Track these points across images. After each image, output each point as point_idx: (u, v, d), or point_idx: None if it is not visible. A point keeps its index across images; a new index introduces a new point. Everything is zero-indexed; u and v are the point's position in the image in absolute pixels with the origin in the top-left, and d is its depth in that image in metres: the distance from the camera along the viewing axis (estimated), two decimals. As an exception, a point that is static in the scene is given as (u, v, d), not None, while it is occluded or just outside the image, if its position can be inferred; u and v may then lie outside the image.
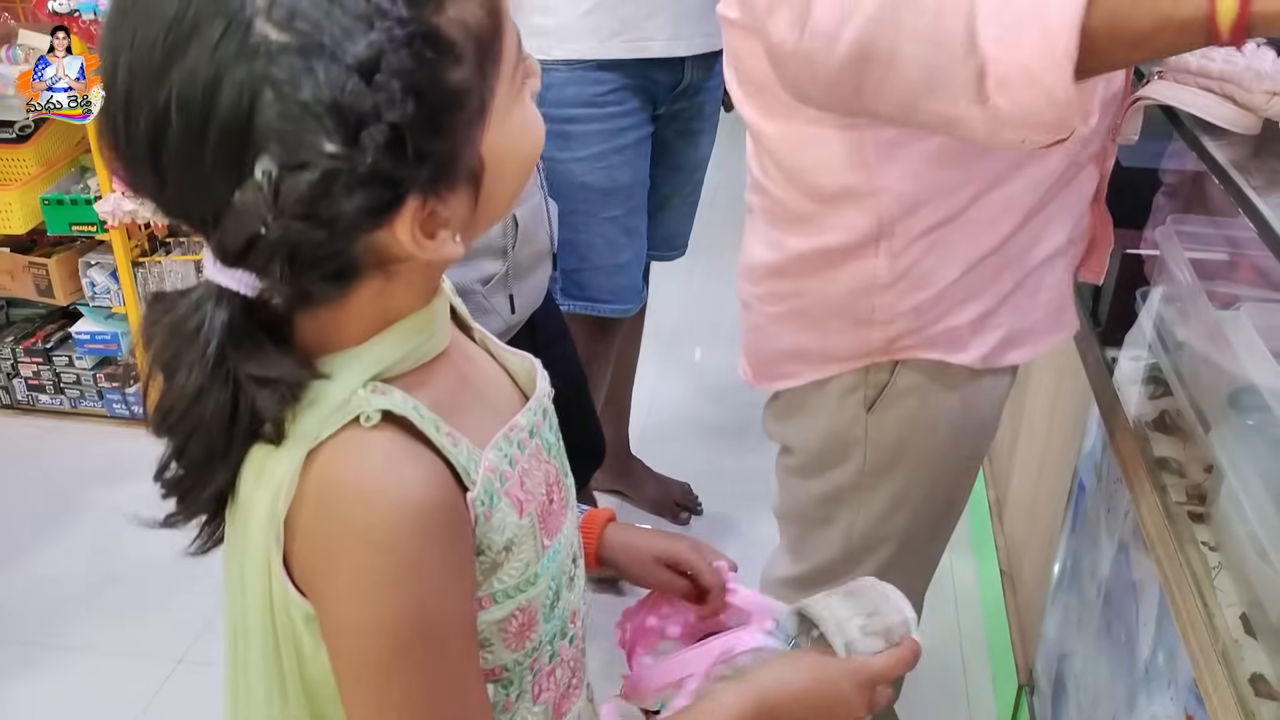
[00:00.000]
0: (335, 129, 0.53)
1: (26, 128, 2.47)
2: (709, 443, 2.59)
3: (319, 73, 0.52)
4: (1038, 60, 0.67)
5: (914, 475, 1.13)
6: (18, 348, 2.64)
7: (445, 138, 0.57)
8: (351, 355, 0.63)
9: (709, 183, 2.16)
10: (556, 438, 0.77)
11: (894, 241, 1.01)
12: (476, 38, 0.58)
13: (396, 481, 0.61)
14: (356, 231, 0.57)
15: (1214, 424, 1.04)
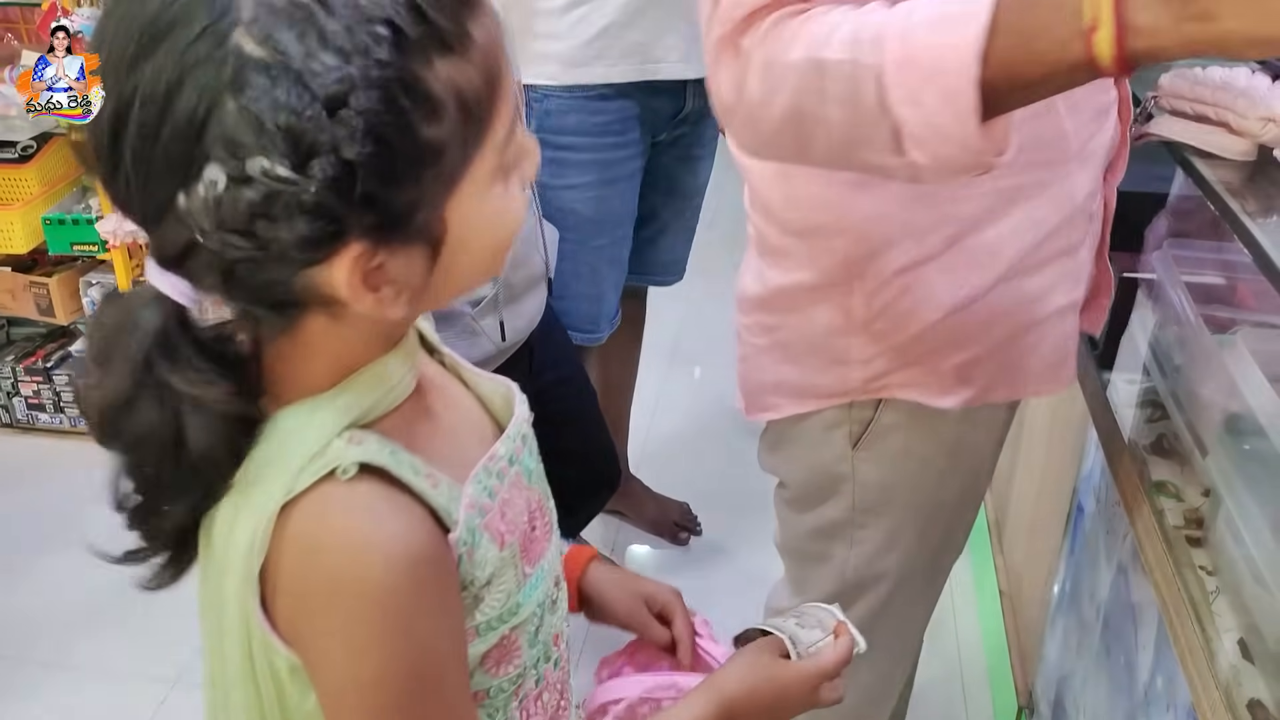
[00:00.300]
0: (287, 151, 0.52)
1: (29, 148, 2.48)
2: (709, 463, 2.59)
3: (283, 93, 0.51)
4: (944, 118, 0.71)
5: (906, 514, 1.11)
6: (18, 366, 2.64)
7: (402, 190, 0.56)
8: (321, 402, 0.63)
9: (709, 205, 2.17)
10: (537, 463, 0.76)
11: (866, 281, 1.00)
12: (464, 102, 0.56)
13: (383, 536, 0.61)
14: (292, 260, 0.55)
15: (1211, 448, 1.04)
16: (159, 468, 0.62)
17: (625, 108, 1.80)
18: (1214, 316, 1.09)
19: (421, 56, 0.54)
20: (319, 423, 0.62)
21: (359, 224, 0.55)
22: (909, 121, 0.72)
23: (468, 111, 0.57)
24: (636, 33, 1.75)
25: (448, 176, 0.58)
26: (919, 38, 0.71)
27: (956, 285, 0.99)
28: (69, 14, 2.18)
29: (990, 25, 0.69)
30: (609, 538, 2.32)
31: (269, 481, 0.61)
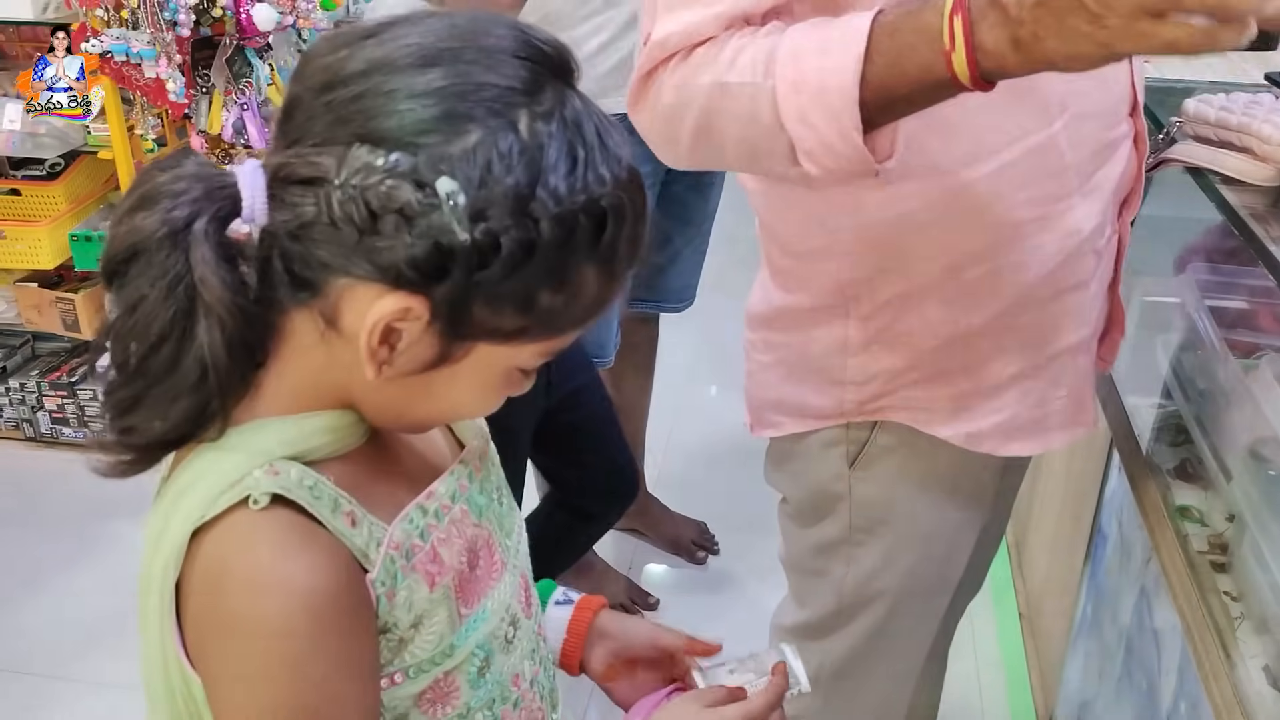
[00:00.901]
0: (477, 201, 0.57)
1: (57, 165, 2.51)
2: (726, 483, 2.59)
3: (514, 166, 0.58)
4: (830, 133, 0.79)
5: (903, 535, 1.11)
6: (42, 381, 2.67)
7: (485, 304, 0.60)
8: (263, 428, 0.63)
9: (728, 224, 2.18)
10: (492, 498, 0.75)
11: (861, 305, 1.01)
12: (572, 303, 0.62)
13: (285, 571, 0.60)
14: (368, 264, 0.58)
15: (1235, 474, 1.04)
16: (145, 352, 0.61)
17: (639, 140, 1.79)
18: (1238, 341, 1.09)
19: (593, 254, 0.61)
20: (251, 449, 0.62)
21: (442, 292, 0.59)
22: (801, 138, 0.79)
23: (567, 310, 0.63)
24: None
25: (508, 331, 0.62)
26: (807, 62, 0.79)
27: (954, 316, 0.99)
28: (99, 34, 2.21)
29: (865, 51, 0.77)
30: (626, 556, 2.32)
31: (190, 502, 0.61)
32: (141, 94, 2.30)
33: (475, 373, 0.64)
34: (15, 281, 2.62)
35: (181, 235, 0.59)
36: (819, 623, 1.18)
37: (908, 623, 1.17)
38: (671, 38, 0.84)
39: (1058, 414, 1.05)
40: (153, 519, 0.65)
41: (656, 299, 2.12)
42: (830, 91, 0.77)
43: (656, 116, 0.88)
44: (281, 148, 0.61)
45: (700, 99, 0.84)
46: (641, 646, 0.86)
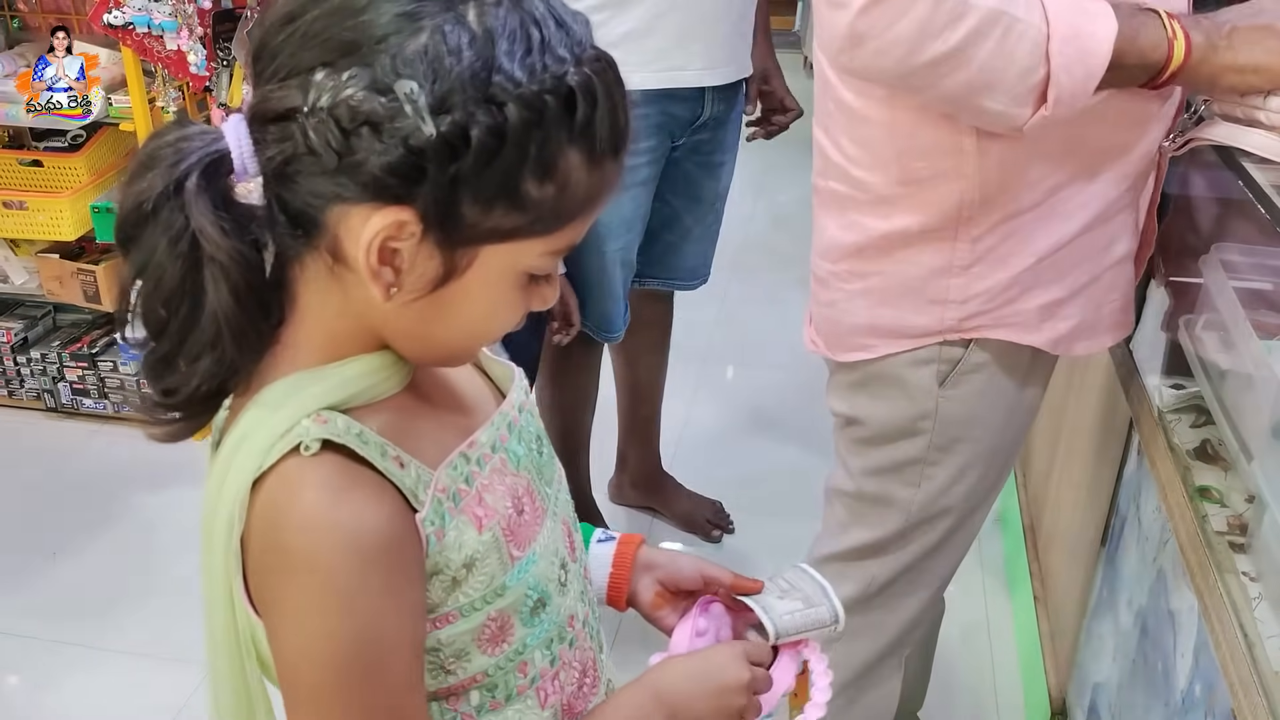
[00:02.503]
0: (438, 94, 0.58)
1: (79, 137, 2.52)
2: (742, 461, 2.60)
3: (470, 58, 0.58)
4: (1080, 87, 0.95)
5: (975, 450, 1.19)
6: (64, 352, 2.69)
7: (475, 200, 0.60)
8: (302, 381, 0.65)
9: (745, 206, 2.18)
10: (531, 448, 0.77)
11: (974, 227, 1.08)
12: (563, 192, 0.62)
13: (334, 510, 0.62)
14: (352, 182, 0.59)
15: (1257, 454, 1.03)
16: (165, 310, 0.63)
17: (644, 114, 1.79)
18: (1263, 321, 1.09)
19: (571, 137, 0.61)
20: (294, 402, 0.64)
21: (426, 195, 0.59)
22: (1059, 84, 0.94)
23: (560, 202, 0.63)
24: (657, 40, 1.75)
25: (505, 230, 0.62)
26: (1074, 22, 0.94)
27: (1049, 233, 1.08)
28: (121, 5, 2.21)
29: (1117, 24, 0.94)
30: (642, 533, 2.33)
31: (245, 457, 0.64)
32: (163, 66, 2.30)
33: (486, 283, 0.64)
34: (37, 253, 2.64)
35: (179, 191, 0.61)
36: (876, 543, 1.25)
37: (959, 537, 1.26)
38: None
39: (1108, 317, 1.17)
40: (209, 481, 0.66)
41: (669, 276, 2.11)
42: (1095, 55, 0.94)
43: (908, 21, 0.91)
44: (256, 90, 0.63)
45: (975, 19, 0.92)
46: (689, 577, 0.88)
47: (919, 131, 1.06)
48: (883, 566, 1.25)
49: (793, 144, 2.17)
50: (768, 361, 2.99)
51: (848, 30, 0.94)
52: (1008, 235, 1.08)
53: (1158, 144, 1.11)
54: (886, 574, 1.26)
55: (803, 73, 4.94)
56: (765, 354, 3.04)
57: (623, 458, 2.38)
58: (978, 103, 0.96)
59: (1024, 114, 0.96)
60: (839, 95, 1.11)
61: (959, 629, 1.31)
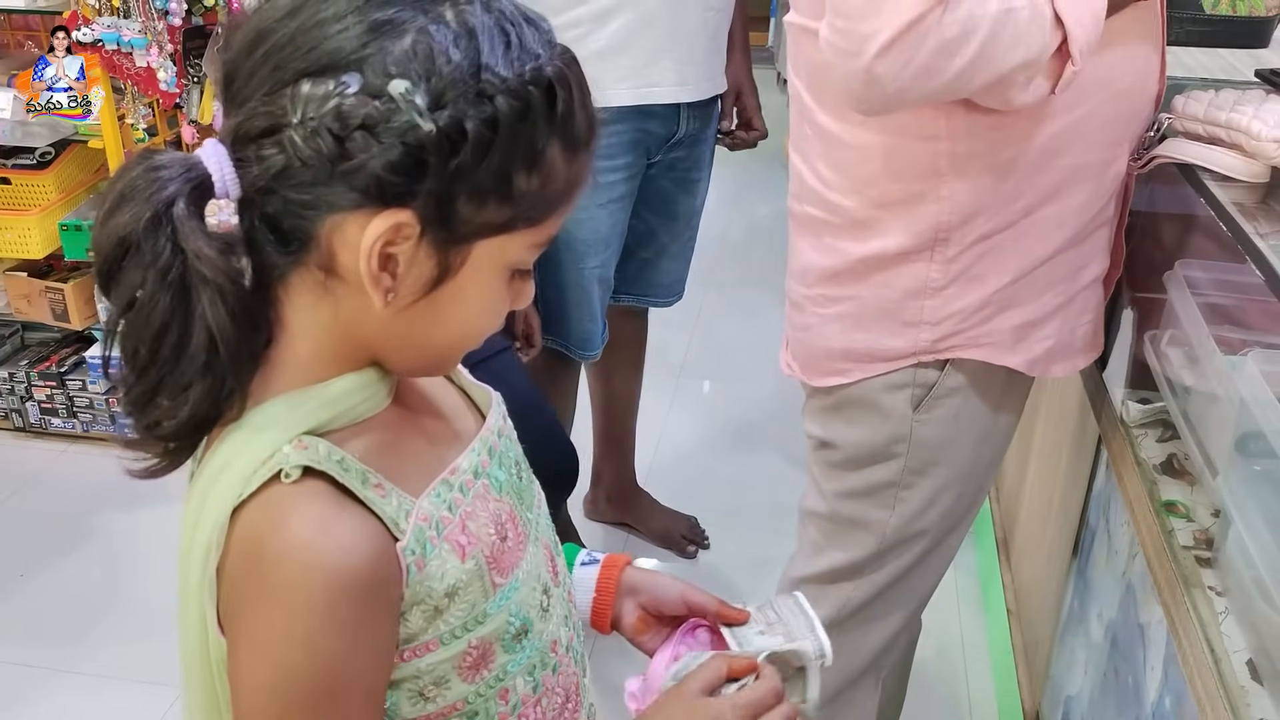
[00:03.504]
0: (432, 91, 0.59)
1: (47, 154, 2.50)
2: (717, 477, 2.60)
3: (459, 53, 0.60)
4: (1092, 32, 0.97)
5: (950, 474, 1.20)
6: (32, 371, 2.66)
7: (470, 195, 0.61)
8: (282, 405, 0.65)
9: (721, 219, 2.19)
10: (511, 473, 0.77)
11: (949, 247, 1.09)
12: (547, 184, 0.64)
13: (315, 545, 0.62)
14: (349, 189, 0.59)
15: (1221, 469, 1.04)
16: (152, 344, 0.61)
17: (619, 131, 1.80)
18: (1226, 337, 1.10)
19: (553, 128, 0.63)
20: (276, 427, 0.64)
21: (425, 194, 0.60)
22: (1076, 39, 0.95)
23: (544, 193, 0.64)
24: (631, 57, 1.75)
25: (497, 224, 0.64)
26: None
27: (1023, 253, 1.10)
28: (89, 23, 2.20)
29: None
30: (615, 550, 2.32)
31: (226, 484, 0.63)
32: (132, 83, 2.29)
33: (477, 281, 0.65)
34: (4, 271, 2.62)
35: (165, 218, 0.60)
36: (851, 566, 1.26)
37: (935, 560, 1.27)
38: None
39: (1082, 338, 1.18)
40: (188, 504, 0.66)
41: (643, 293, 2.12)
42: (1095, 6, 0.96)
43: (924, 54, 0.92)
44: (232, 114, 0.63)
45: (985, 28, 0.93)
46: (672, 603, 0.88)
47: (895, 155, 1.06)
48: (858, 589, 1.25)
49: (769, 159, 2.19)
50: (743, 375, 3.00)
51: (865, 75, 0.93)
52: (982, 255, 1.09)
53: (1126, 164, 1.13)
54: (862, 596, 1.26)
55: (776, 88, 4.97)
56: (741, 368, 3.05)
57: (598, 474, 2.37)
58: (1002, 93, 0.98)
59: (1047, 86, 0.98)
60: (815, 119, 1.11)
61: (933, 642, 1.32)
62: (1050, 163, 1.06)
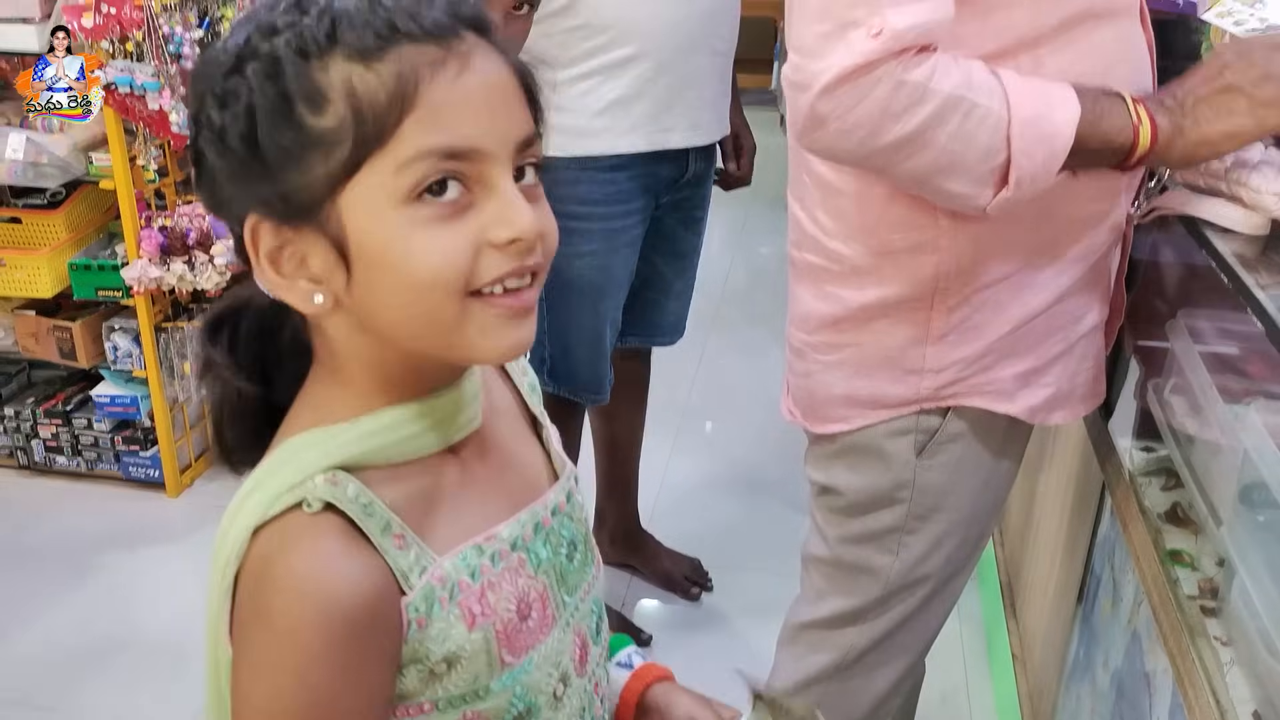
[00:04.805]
0: (193, 95, 0.64)
1: (58, 194, 2.52)
2: (720, 518, 2.59)
3: (211, 52, 0.64)
4: (1042, 169, 0.97)
5: (953, 519, 1.20)
6: (38, 409, 2.67)
7: (283, 166, 0.61)
8: (325, 435, 0.66)
9: (724, 260, 2.20)
10: (558, 553, 0.74)
11: (949, 297, 1.09)
12: (357, 105, 0.60)
13: (315, 577, 0.62)
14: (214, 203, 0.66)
15: (1225, 519, 1.04)
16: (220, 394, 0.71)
17: (632, 176, 1.83)
18: (1229, 387, 1.10)
19: (319, 55, 0.61)
20: (311, 456, 0.65)
21: (245, 190, 0.63)
22: (1020, 166, 0.95)
23: (360, 115, 0.60)
24: (645, 104, 1.78)
25: (335, 170, 0.61)
26: (1035, 108, 0.95)
27: (1022, 302, 1.10)
28: (103, 66, 2.23)
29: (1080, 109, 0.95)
30: (620, 592, 2.32)
31: (253, 503, 0.64)
32: (144, 125, 2.32)
33: (374, 232, 0.61)
34: (13, 309, 2.63)
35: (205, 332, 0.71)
36: (854, 611, 1.25)
37: (938, 605, 1.27)
38: (910, 32, 0.90)
39: (1082, 386, 1.18)
40: (223, 522, 0.67)
41: (647, 333, 2.13)
42: (1058, 138, 0.95)
43: (869, 104, 0.92)
44: None
45: (935, 104, 0.92)
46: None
47: (893, 203, 1.07)
48: (861, 635, 1.25)
49: (770, 199, 2.21)
50: (746, 416, 3.00)
51: (809, 111, 0.94)
52: (982, 304, 1.10)
53: (1125, 214, 1.14)
54: (865, 642, 1.26)
55: (778, 130, 5.01)
56: (743, 409, 3.05)
57: (601, 515, 2.37)
58: (940, 184, 0.98)
59: (986, 195, 0.97)
60: (813, 168, 1.13)
61: (937, 688, 1.31)
62: (1048, 213, 1.07)
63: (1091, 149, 0.97)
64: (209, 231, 2.42)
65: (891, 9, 0.90)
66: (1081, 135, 0.95)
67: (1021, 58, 1.00)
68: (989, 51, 0.98)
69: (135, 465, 2.64)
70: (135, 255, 2.40)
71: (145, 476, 2.64)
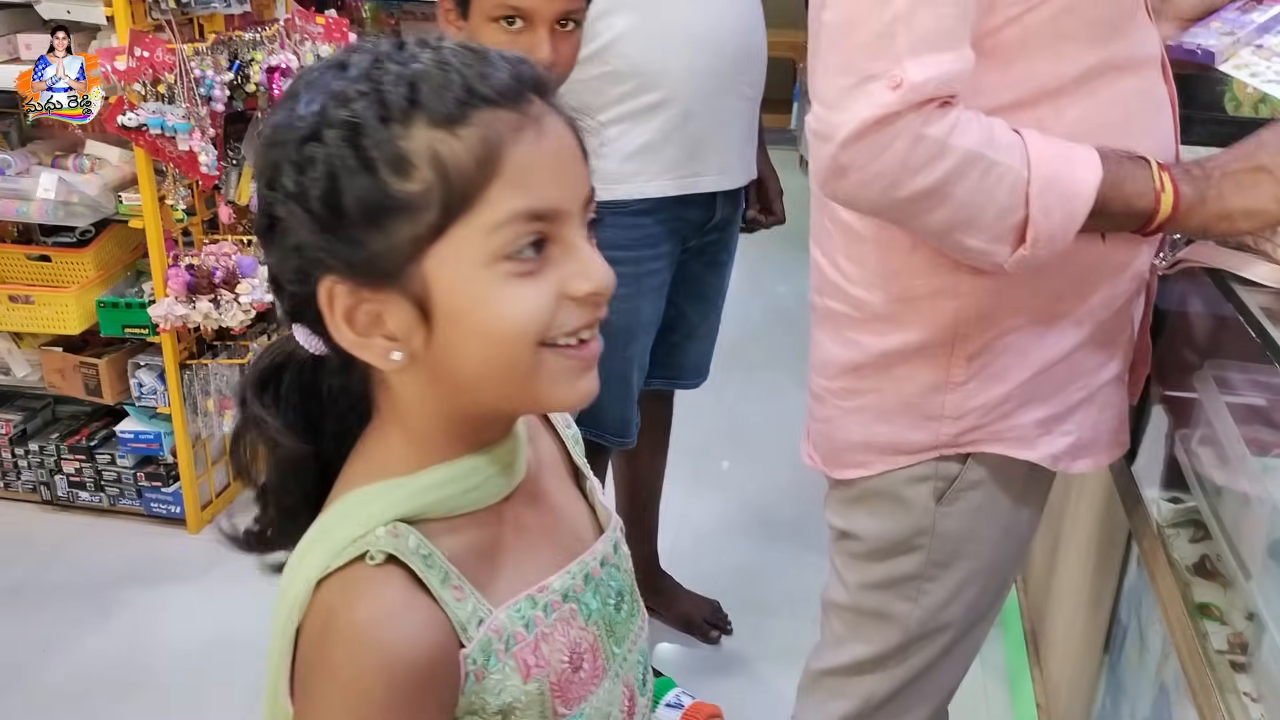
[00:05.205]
0: (263, 166, 0.65)
1: (87, 233, 2.56)
2: (740, 560, 2.58)
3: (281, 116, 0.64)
4: (1060, 229, 0.97)
5: (974, 566, 1.19)
6: (62, 445, 2.69)
7: (367, 230, 0.62)
8: (387, 489, 0.67)
9: (743, 300, 2.21)
10: (607, 604, 0.76)
11: (969, 343, 1.10)
12: (444, 171, 0.61)
13: (379, 632, 0.63)
14: (292, 278, 0.65)
15: (1254, 573, 1.04)
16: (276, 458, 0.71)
17: (660, 220, 1.84)
18: (1257, 438, 1.10)
19: (401, 121, 0.61)
20: (374, 509, 0.66)
21: (325, 255, 0.63)
22: (1038, 224, 0.95)
23: (447, 180, 0.62)
24: (673, 149, 1.80)
25: (421, 234, 0.62)
26: (1056, 168, 0.95)
27: (1043, 349, 1.10)
28: (135, 108, 2.26)
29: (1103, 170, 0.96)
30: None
31: (317, 555, 0.65)
32: (174, 165, 2.35)
33: (458, 293, 0.63)
34: (40, 345, 2.66)
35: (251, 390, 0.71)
36: (874, 659, 1.25)
37: (960, 653, 1.26)
38: (929, 84, 0.91)
39: (1105, 435, 1.18)
40: (286, 568, 0.68)
41: (672, 375, 2.13)
42: (1078, 199, 0.96)
43: (889, 156, 0.93)
44: None
45: (954, 159, 0.93)
46: None
47: (916, 249, 1.08)
48: (881, 683, 1.25)
49: (791, 239, 2.21)
50: (766, 457, 3.00)
51: (831, 161, 0.95)
52: (1003, 351, 1.10)
53: (1149, 263, 1.14)
54: (885, 690, 1.25)
55: (798, 170, 5.03)
56: (763, 449, 3.04)
57: (620, 557, 2.36)
58: (958, 238, 0.98)
59: (1004, 252, 0.98)
60: (835, 214, 1.14)
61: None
62: (1070, 261, 1.06)
63: (1112, 212, 0.97)
64: (235, 270, 2.44)
65: (911, 61, 0.91)
66: (1103, 197, 0.96)
67: (1042, 108, 1.01)
68: (1009, 101, 0.99)
69: (157, 501, 2.66)
70: (162, 293, 2.43)
71: (167, 512, 2.65)
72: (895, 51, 0.91)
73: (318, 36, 2.55)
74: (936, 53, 0.91)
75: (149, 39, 2.26)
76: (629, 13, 1.73)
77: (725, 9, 1.82)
